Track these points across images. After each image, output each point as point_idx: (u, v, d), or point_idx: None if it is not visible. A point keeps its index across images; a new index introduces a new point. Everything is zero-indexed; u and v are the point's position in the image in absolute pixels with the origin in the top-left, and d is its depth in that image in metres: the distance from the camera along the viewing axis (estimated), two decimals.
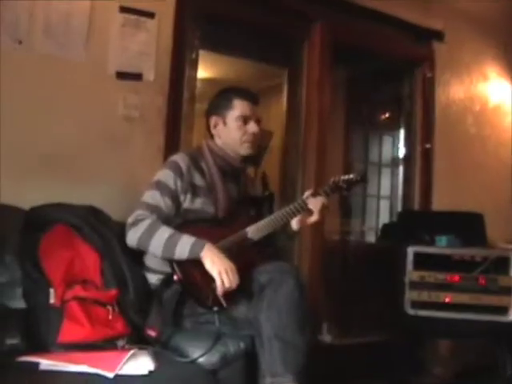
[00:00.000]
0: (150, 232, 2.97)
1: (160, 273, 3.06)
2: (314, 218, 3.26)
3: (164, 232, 2.96)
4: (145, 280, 3.13)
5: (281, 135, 5.20)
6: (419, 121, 5.49)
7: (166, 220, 3.05)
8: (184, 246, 2.91)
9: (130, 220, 3.05)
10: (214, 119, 3.35)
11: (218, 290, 2.85)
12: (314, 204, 3.22)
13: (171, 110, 3.94)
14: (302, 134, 4.89)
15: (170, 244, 2.92)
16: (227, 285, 2.84)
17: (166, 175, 3.15)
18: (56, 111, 3.52)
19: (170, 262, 2.96)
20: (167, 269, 2.99)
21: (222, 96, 3.39)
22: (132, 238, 3.02)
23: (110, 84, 3.69)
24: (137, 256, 3.15)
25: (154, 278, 3.10)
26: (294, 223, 3.28)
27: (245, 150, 3.31)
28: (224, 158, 3.30)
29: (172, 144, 3.91)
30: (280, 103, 5.32)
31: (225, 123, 3.31)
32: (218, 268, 2.85)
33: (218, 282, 2.84)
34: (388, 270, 4.52)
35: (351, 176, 3.36)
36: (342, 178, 3.34)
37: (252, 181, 3.70)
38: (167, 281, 2.98)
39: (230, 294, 2.88)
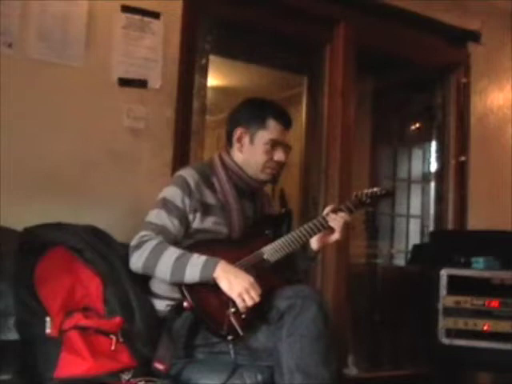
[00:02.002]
0: (156, 254, 2.92)
1: (168, 299, 3.02)
2: (335, 237, 3.20)
3: (172, 253, 2.91)
4: (153, 308, 3.07)
5: (300, 149, 5.16)
6: (453, 132, 5.49)
7: (174, 242, 3.01)
8: (194, 267, 2.86)
9: (133, 242, 3.00)
10: (239, 131, 3.25)
11: (242, 312, 2.81)
12: (336, 221, 3.16)
13: (180, 122, 3.93)
14: (324, 148, 4.89)
15: (179, 266, 2.87)
16: (250, 304, 2.80)
17: (172, 192, 3.10)
18: (52, 123, 3.53)
19: (180, 286, 2.91)
20: (176, 294, 2.94)
21: (255, 109, 3.30)
22: (136, 262, 2.97)
23: (113, 92, 3.69)
24: (144, 281, 3.11)
25: (161, 305, 3.04)
26: (314, 242, 3.23)
27: (264, 176, 3.26)
28: (239, 175, 3.25)
29: (181, 159, 3.91)
30: (299, 114, 5.26)
31: (252, 141, 3.23)
32: (238, 290, 2.80)
33: (241, 305, 2.80)
34: (419, 295, 4.50)
35: (375, 189, 3.34)
36: (366, 191, 3.32)
37: (269, 199, 3.64)
38: (177, 308, 2.92)
39: (246, 322, 2.83)
